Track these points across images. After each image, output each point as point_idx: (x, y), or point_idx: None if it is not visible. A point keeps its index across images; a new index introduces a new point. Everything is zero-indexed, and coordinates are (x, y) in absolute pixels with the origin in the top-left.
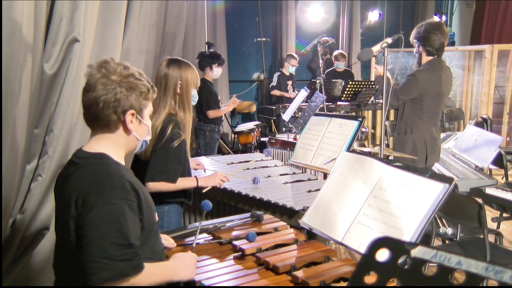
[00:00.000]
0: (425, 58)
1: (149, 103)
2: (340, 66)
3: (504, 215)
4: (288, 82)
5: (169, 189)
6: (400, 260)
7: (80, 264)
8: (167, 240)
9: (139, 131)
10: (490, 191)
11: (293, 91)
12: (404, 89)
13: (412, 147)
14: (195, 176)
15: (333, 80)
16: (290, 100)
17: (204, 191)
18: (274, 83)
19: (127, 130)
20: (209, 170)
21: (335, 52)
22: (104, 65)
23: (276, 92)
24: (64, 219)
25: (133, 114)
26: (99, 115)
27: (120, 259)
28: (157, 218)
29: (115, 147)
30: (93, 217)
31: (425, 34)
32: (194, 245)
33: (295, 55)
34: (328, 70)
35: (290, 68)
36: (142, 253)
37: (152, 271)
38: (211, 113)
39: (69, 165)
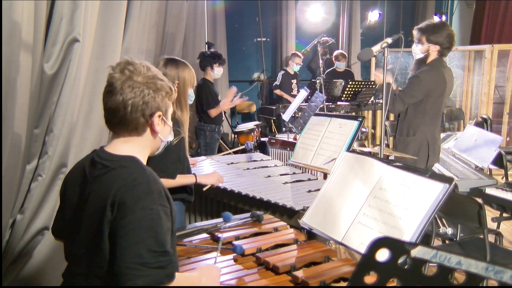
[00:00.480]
0: (433, 57)
1: (171, 104)
2: (341, 66)
3: (504, 215)
4: (292, 81)
5: (169, 185)
6: (400, 260)
7: (112, 269)
8: None
9: (164, 132)
10: (490, 191)
11: (298, 90)
12: (410, 92)
13: (414, 148)
14: (194, 174)
15: (333, 80)
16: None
17: (204, 189)
18: (277, 81)
19: (154, 133)
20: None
21: (336, 52)
22: (127, 66)
23: (278, 92)
24: (96, 223)
25: (159, 116)
26: (127, 118)
27: (155, 267)
28: None
29: (142, 150)
30: (130, 222)
31: (441, 35)
32: (217, 257)
33: (300, 54)
34: (328, 70)
35: (294, 66)
36: (176, 262)
37: (181, 282)
38: (213, 112)
39: (93, 166)
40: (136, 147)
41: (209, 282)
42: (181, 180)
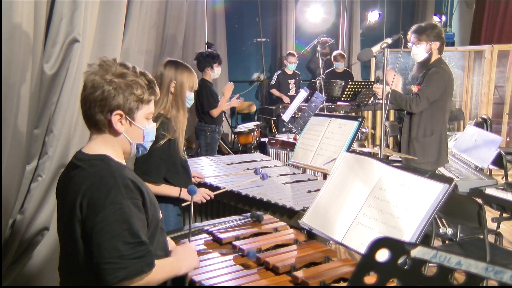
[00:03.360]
0: (435, 57)
1: (145, 105)
2: (340, 66)
3: (504, 215)
4: (290, 81)
5: (153, 190)
6: (400, 260)
7: (92, 266)
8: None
9: (131, 133)
10: (490, 191)
11: (297, 89)
12: (433, 89)
13: (435, 148)
14: (181, 188)
15: (332, 80)
16: (290, 99)
17: (183, 204)
18: (273, 82)
19: (114, 131)
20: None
21: (334, 53)
22: (100, 64)
23: (274, 92)
24: (69, 222)
25: (121, 115)
26: (88, 114)
27: (133, 257)
28: (161, 216)
29: (112, 147)
30: (102, 219)
31: (439, 32)
32: (190, 236)
33: (294, 53)
34: (327, 71)
35: (289, 65)
36: (152, 250)
37: (160, 267)
38: (215, 112)
39: (71, 168)
40: (106, 145)
41: (189, 259)
42: (165, 190)
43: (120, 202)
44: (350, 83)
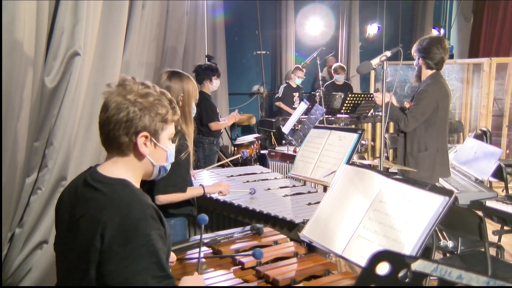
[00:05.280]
0: (425, 72)
1: (169, 126)
2: (340, 79)
3: (505, 228)
4: (294, 94)
5: (180, 199)
6: (401, 274)
7: None
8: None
9: (155, 155)
10: (490, 203)
11: (300, 103)
12: (422, 109)
13: (429, 164)
14: (201, 185)
15: (332, 92)
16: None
17: (211, 195)
18: (279, 94)
19: (139, 154)
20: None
21: (335, 65)
22: (122, 83)
23: (280, 105)
24: (81, 248)
25: (146, 137)
26: (111, 136)
27: None
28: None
29: (132, 171)
30: (131, 251)
31: (427, 47)
32: (199, 266)
33: (301, 67)
34: (327, 83)
35: (296, 79)
36: (174, 283)
37: None
38: (214, 125)
39: (85, 187)
40: (125, 169)
41: None
42: (191, 192)
43: (149, 234)
44: (350, 95)
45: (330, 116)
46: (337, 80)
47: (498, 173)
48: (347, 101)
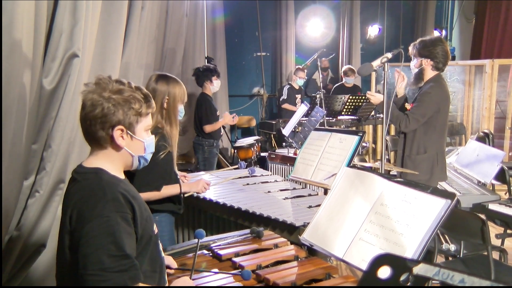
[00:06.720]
0: (430, 73)
1: (144, 118)
2: (350, 81)
3: (508, 231)
4: (297, 95)
5: (155, 197)
6: (402, 278)
7: (77, 277)
8: (169, 261)
9: (133, 147)
10: (493, 206)
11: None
12: (423, 110)
13: (427, 166)
14: (179, 183)
15: (334, 94)
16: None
17: (186, 195)
18: (284, 96)
19: (116, 146)
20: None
21: (344, 67)
22: (98, 82)
23: (287, 106)
24: (60, 233)
25: (122, 130)
26: (89, 132)
27: (116, 271)
28: (156, 230)
29: (111, 162)
30: (87, 231)
31: (432, 48)
32: (192, 272)
33: (302, 68)
34: (336, 85)
35: (298, 80)
36: (138, 264)
37: None
38: (208, 128)
39: (70, 181)
40: (104, 160)
41: None
42: (166, 191)
43: (107, 215)
44: (351, 97)
45: (330, 118)
46: (347, 82)
47: (501, 176)
48: (347, 103)
